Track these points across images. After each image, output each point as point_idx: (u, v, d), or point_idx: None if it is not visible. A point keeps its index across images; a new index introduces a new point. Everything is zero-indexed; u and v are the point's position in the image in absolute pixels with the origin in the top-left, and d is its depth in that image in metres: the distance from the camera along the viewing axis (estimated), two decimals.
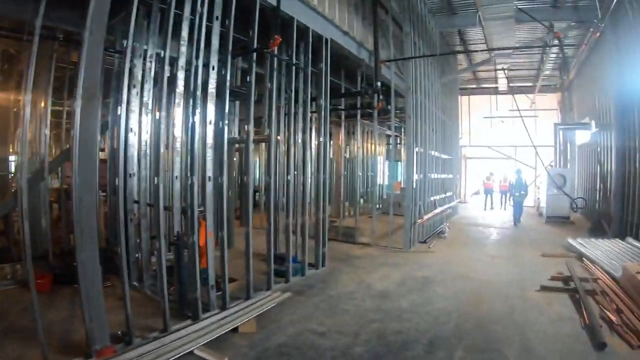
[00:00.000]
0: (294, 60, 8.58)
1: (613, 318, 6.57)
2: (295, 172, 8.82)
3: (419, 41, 13.42)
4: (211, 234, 6.34)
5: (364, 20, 11.81)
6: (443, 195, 16.83)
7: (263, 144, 14.18)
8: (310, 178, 9.29)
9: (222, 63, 6.68)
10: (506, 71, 19.47)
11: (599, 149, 17.47)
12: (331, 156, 16.78)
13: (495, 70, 21.77)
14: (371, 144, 19.72)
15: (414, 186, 12.28)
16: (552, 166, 21.33)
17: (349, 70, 12.94)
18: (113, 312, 5.30)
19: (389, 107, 12.61)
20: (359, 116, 13.43)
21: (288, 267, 8.31)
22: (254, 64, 7.50)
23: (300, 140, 8.95)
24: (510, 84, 23.66)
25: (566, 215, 18.20)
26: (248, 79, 7.55)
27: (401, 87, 13.07)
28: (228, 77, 6.74)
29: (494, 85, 26.28)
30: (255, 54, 7.48)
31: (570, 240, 12.43)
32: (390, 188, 19.03)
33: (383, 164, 22.71)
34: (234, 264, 7.22)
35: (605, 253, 10.64)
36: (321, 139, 9.49)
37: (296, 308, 6.89)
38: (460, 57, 21.84)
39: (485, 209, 24.22)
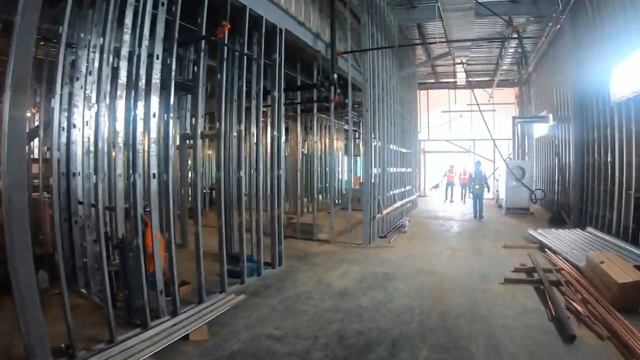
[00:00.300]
0: (246, 51, 8.11)
1: (580, 309, 6.48)
2: (249, 168, 8.45)
3: (377, 33, 13.18)
4: (157, 234, 5.86)
5: (321, 12, 11.44)
6: (402, 189, 16.68)
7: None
8: (265, 174, 8.81)
9: (167, 52, 6.20)
10: (465, 65, 19.36)
11: (556, 142, 17.91)
12: (288, 151, 16.36)
13: (454, 64, 21.71)
14: (329, 138, 19.37)
15: (373, 181, 12.00)
16: (510, 159, 21.58)
17: (305, 63, 12.58)
18: (59, 323, 4.80)
19: (346, 100, 12.18)
20: (315, 110, 13.05)
21: (243, 268, 7.87)
22: (202, 54, 7.09)
23: (253, 135, 8.49)
24: (469, 79, 23.61)
25: (525, 207, 18.41)
26: (196, 70, 7.05)
27: (359, 80, 12.79)
28: (174, 67, 6.26)
29: (452, 80, 26.30)
30: (204, 43, 7.04)
31: (531, 231, 12.46)
32: (350, 183, 18.82)
33: (342, 159, 22.41)
34: (188, 266, 6.88)
35: (567, 243, 10.65)
36: (275, 133, 9.07)
37: (252, 311, 6.49)
38: (419, 51, 21.76)
39: (445, 202, 24.59)
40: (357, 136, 22.57)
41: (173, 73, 6.24)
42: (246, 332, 5.69)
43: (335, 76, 10.93)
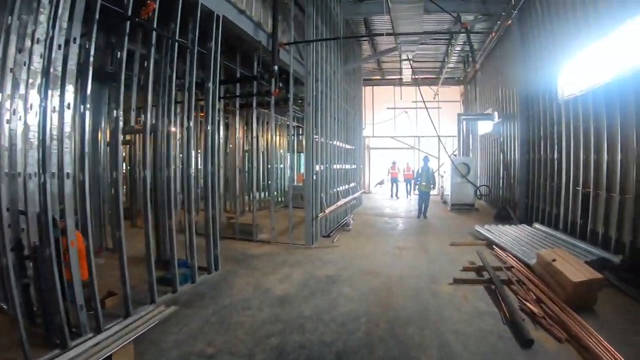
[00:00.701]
0: (179, 38, 7.38)
1: (534, 309, 6.27)
2: (186, 166, 7.82)
3: (322, 26, 12.67)
4: (74, 242, 5.15)
5: (264, 0, 10.79)
6: (347, 187, 16.29)
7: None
8: (199, 171, 8.08)
9: (86, 36, 5.51)
10: (411, 62, 19.03)
11: (501, 139, 18.12)
12: (230, 148, 15.61)
13: (400, 60, 21.33)
14: (271, 134, 18.79)
15: (315, 178, 11.43)
16: (455, 155, 21.54)
17: (246, 55, 11.92)
18: None
19: (288, 95, 11.52)
20: (254, 104, 12.30)
21: (174, 275, 7.16)
22: (126, 38, 6.24)
23: (186, 130, 7.80)
24: (415, 76, 23.43)
25: (471, 203, 18.50)
26: (119, 56, 6.22)
27: (302, 73, 12.19)
28: (92, 52, 5.51)
29: (398, 77, 25.92)
30: (128, 26, 6.23)
31: (478, 228, 12.32)
32: (293, 180, 18.32)
33: (285, 155, 21.72)
34: (118, 274, 6.06)
35: (515, 239, 10.59)
36: (209, 127, 8.35)
37: (183, 324, 5.85)
38: (365, 46, 21.37)
39: (391, 198, 24.60)
40: (300, 132, 22.01)
41: (91, 59, 5.50)
42: (175, 351, 5.09)
43: (276, 68, 10.32)
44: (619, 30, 8.14)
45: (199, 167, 12.43)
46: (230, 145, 15.86)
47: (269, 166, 16.78)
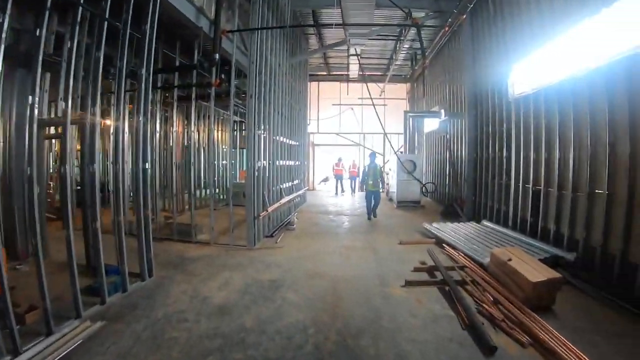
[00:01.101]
0: (107, 17, 6.56)
1: (493, 312, 5.98)
2: (121, 161, 7.13)
3: (268, 14, 11.97)
4: None
5: None
6: (291, 184, 15.73)
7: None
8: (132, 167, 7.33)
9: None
10: (359, 57, 18.52)
11: (448, 136, 18.14)
12: (170, 143, 14.68)
13: (348, 55, 20.91)
14: (214, 129, 18.06)
15: (257, 175, 10.72)
16: (402, 152, 21.33)
17: (187, 43, 11.09)
18: None
19: (229, 87, 10.68)
20: (194, 96, 11.35)
21: (102, 284, 6.35)
22: (46, 15, 5.43)
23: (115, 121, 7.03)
24: (362, 72, 23.17)
25: (417, 200, 18.44)
26: (38, 34, 5.42)
27: (245, 64, 11.47)
28: (5, 29, 4.73)
29: (345, 73, 25.60)
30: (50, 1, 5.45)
31: (427, 225, 12.10)
32: (235, 177, 17.54)
33: (227, 151, 20.89)
34: (48, 283, 5.21)
35: (465, 237, 10.43)
36: (141, 119, 7.50)
37: (111, 342, 5.10)
38: (313, 40, 20.71)
39: (336, 195, 24.65)
40: (243, 127, 21.20)
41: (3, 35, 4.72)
42: None
43: (218, 57, 9.62)
44: (574, 29, 7.99)
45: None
46: (171, 141, 14.97)
47: (208, 163, 16.02)
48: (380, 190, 14.93)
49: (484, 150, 13.64)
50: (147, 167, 7.56)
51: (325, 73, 26.93)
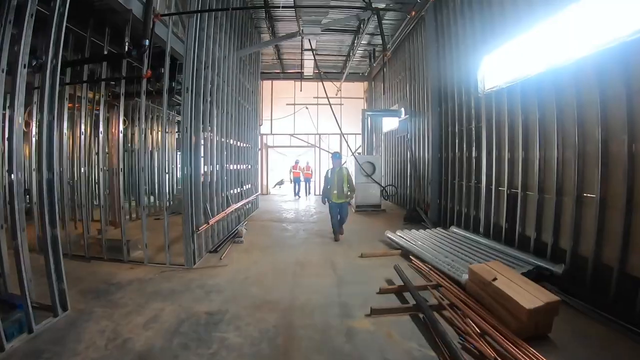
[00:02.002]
0: None
1: (481, 347, 4.89)
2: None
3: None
4: None
5: None
6: (239, 190, 14.29)
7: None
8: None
9: None
10: (314, 51, 17.18)
11: (409, 136, 17.17)
12: (108, 148, 13.03)
13: (302, 51, 19.57)
14: (157, 130, 16.56)
15: (194, 182, 9.14)
16: (360, 154, 20.18)
17: (119, 31, 9.42)
18: None
19: (164, 81, 9.10)
20: (122, 90, 9.81)
21: None
22: None
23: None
24: (317, 70, 22.06)
25: (377, 204, 17.50)
26: None
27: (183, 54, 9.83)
28: None
29: (299, 71, 24.27)
30: None
31: (390, 235, 10.96)
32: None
33: (175, 155, 19.38)
34: None
35: (434, 247, 9.40)
36: (45, 118, 6.03)
37: None
38: (265, 35, 19.10)
39: (294, 198, 24.68)
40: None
41: None
42: None
43: (147, 42, 8.07)
44: (558, 16, 7.07)
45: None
46: (109, 145, 13.34)
47: (151, 168, 14.53)
48: (349, 202, 12.05)
49: (450, 150, 12.77)
50: (52, 176, 6.12)
51: (279, 71, 25.59)
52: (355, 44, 19.59)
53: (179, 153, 18.69)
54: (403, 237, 10.35)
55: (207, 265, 8.87)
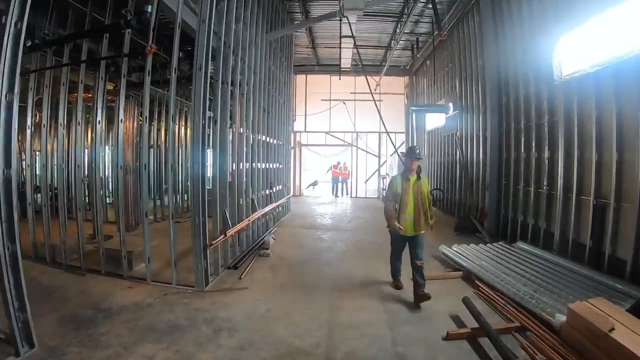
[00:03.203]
0: None
1: None
2: None
3: None
4: None
5: None
6: (268, 191, 12.63)
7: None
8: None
9: None
10: (354, 36, 15.19)
11: (458, 134, 15.26)
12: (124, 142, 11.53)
13: (340, 38, 17.35)
14: (182, 125, 15.20)
15: (216, 183, 7.66)
16: (402, 153, 18.23)
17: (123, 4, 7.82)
18: None
19: (172, 62, 7.32)
20: (124, 69, 7.98)
21: None
22: None
23: None
24: (354, 64, 20.79)
25: None
26: None
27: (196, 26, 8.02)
28: None
29: (335, 64, 22.45)
30: None
31: (446, 250, 9.24)
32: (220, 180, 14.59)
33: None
34: None
35: (504, 270, 7.62)
36: (2, 97, 4.48)
37: None
38: (297, 16, 17.28)
39: (335, 197, 24.22)
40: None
41: None
42: None
43: (150, 9, 6.44)
44: None
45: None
46: (125, 139, 11.86)
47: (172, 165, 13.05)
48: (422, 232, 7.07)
49: (514, 150, 10.97)
50: (10, 175, 4.56)
51: (314, 64, 23.86)
52: (397, 32, 17.68)
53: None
54: (462, 255, 8.59)
55: (222, 288, 7.16)
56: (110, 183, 14.05)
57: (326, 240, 11.64)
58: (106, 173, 13.21)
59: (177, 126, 14.84)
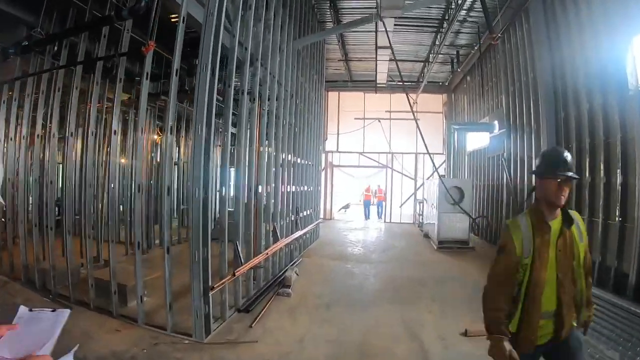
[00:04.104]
0: None
1: None
2: None
3: None
4: None
5: None
6: (294, 217, 11.33)
7: None
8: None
9: None
10: (392, 48, 13.84)
11: (505, 155, 13.67)
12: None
13: (376, 48, 15.98)
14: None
15: (199, 211, 5.99)
16: (444, 176, 16.77)
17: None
18: None
19: (173, 64, 6.12)
20: (121, 71, 6.77)
21: None
22: None
23: None
24: (390, 80, 19.69)
25: (464, 239, 13.84)
26: None
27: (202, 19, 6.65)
28: None
29: (370, 80, 21.27)
30: None
31: None
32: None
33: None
34: None
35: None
36: None
37: None
38: (328, 25, 16.21)
39: (366, 219, 23.70)
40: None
41: None
42: None
43: None
44: None
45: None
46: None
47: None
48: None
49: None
50: None
51: (347, 80, 22.72)
52: (436, 44, 16.39)
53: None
54: None
55: (227, 339, 5.80)
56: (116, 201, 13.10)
57: (356, 274, 10.20)
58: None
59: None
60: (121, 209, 11.05)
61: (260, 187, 8.31)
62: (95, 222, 8.52)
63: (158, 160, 12.92)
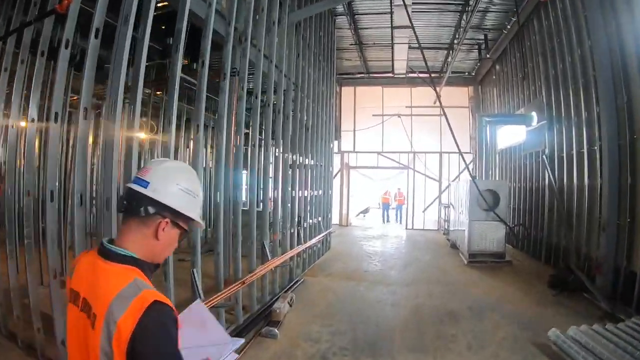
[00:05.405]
0: None
1: None
2: None
3: None
4: None
5: None
6: (293, 231, 9.46)
7: None
8: None
9: None
10: (413, 27, 11.78)
11: (547, 152, 11.85)
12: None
13: (392, 29, 14.03)
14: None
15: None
16: (475, 178, 14.65)
17: None
18: None
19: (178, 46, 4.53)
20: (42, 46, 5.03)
21: None
22: None
23: None
24: (409, 71, 18.20)
25: (500, 252, 11.74)
26: None
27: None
28: None
29: (387, 72, 19.66)
30: None
31: (559, 339, 5.49)
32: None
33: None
34: None
35: None
36: None
37: None
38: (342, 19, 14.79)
39: (384, 223, 23.45)
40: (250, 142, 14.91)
41: None
42: None
43: None
44: None
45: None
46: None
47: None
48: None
49: (633, 172, 7.83)
50: None
51: (362, 72, 20.82)
52: (461, 27, 14.36)
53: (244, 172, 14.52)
54: (592, 351, 4.98)
55: None
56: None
57: (370, 303, 8.10)
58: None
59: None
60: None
61: (239, 193, 6.50)
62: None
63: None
